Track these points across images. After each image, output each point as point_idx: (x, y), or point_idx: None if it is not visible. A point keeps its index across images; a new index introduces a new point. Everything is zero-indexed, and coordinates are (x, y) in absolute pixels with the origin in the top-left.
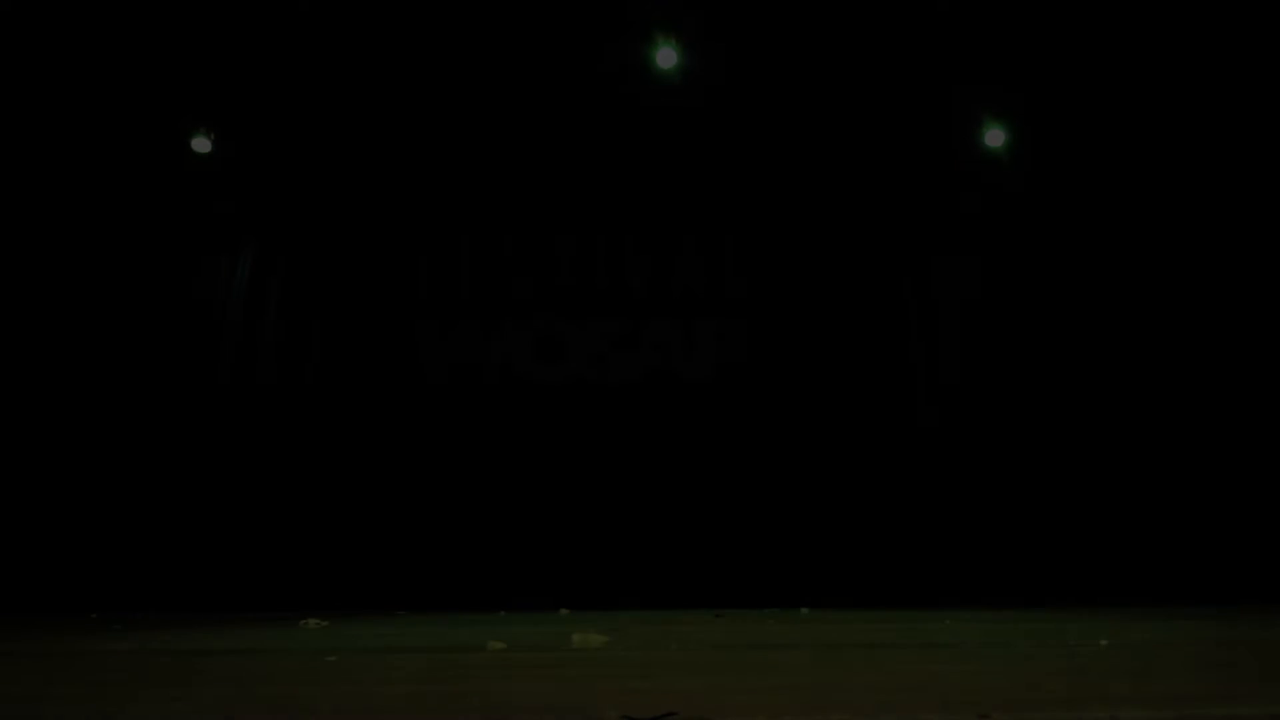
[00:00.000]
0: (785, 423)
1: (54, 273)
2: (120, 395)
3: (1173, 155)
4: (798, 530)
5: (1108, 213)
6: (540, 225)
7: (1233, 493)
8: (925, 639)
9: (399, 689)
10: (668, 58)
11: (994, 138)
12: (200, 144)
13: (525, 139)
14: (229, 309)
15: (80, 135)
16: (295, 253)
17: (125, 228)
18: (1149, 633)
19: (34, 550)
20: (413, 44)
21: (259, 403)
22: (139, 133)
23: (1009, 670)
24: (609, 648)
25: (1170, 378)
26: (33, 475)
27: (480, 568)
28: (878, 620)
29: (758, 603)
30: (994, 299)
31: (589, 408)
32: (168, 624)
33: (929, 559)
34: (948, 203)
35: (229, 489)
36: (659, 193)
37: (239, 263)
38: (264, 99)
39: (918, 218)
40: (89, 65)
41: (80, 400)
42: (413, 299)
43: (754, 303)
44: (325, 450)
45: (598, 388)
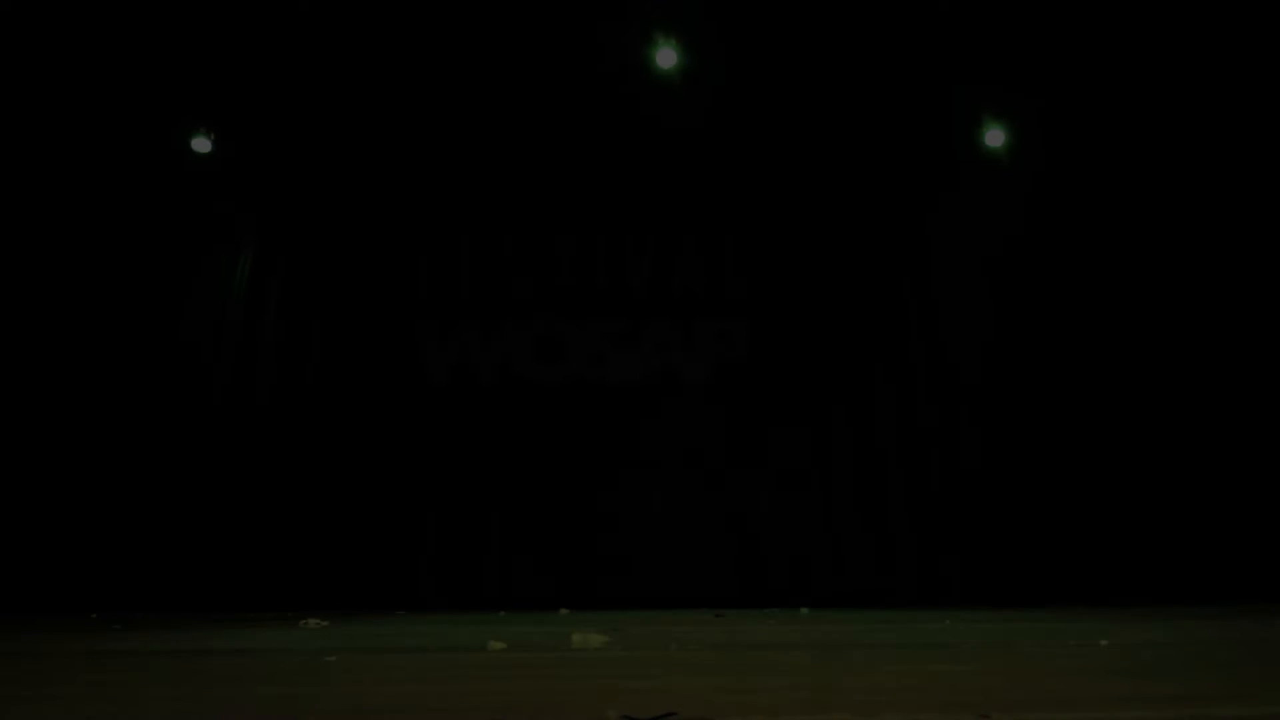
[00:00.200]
0: (785, 422)
1: (53, 273)
2: (120, 395)
3: (1183, 166)
4: (797, 530)
5: (1110, 214)
6: (540, 225)
7: (1233, 493)
8: (925, 639)
9: (399, 689)
10: (668, 58)
11: (994, 138)
12: (200, 144)
13: (525, 139)
14: (229, 309)
15: (79, 136)
16: (295, 253)
17: (125, 228)
18: (1149, 633)
19: (34, 550)
20: (413, 44)
21: (259, 403)
22: (139, 133)
23: (1009, 670)
24: (609, 648)
25: (1170, 378)
26: (32, 475)
27: (480, 567)
28: (878, 620)
29: (758, 603)
30: (994, 298)
31: (589, 408)
32: (168, 624)
33: (928, 559)
34: (947, 202)
35: (229, 489)
36: (659, 193)
37: (239, 263)
38: (264, 99)
39: (918, 217)
40: (88, 65)
41: (80, 400)
42: (413, 299)
43: (754, 303)
44: (325, 450)
45: (598, 388)
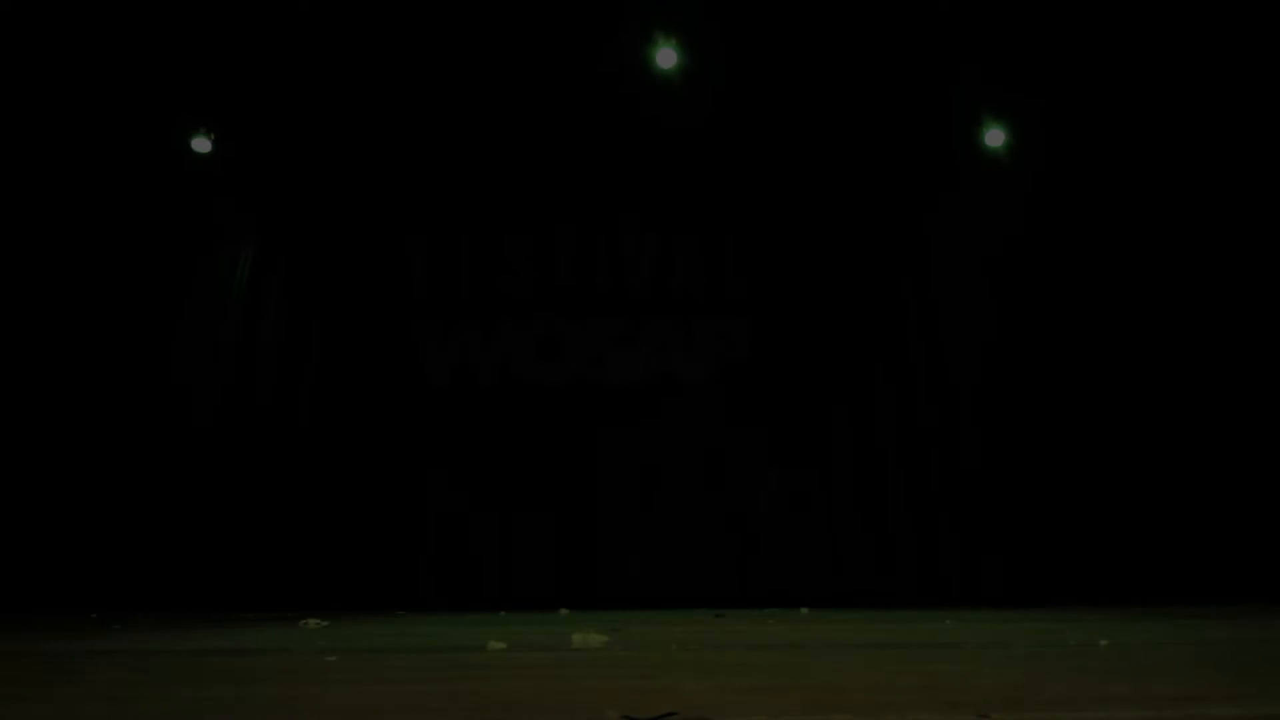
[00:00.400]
0: (785, 422)
1: (54, 274)
2: (121, 395)
3: (1181, 166)
4: (797, 530)
5: (1109, 213)
6: (540, 225)
7: (1233, 493)
8: (925, 639)
9: (399, 689)
10: (668, 58)
11: (994, 138)
12: (200, 144)
13: (526, 139)
14: (229, 309)
15: (79, 136)
16: (295, 253)
17: (125, 228)
18: (1149, 633)
19: (34, 550)
20: (413, 43)
21: (259, 403)
22: (139, 133)
23: (1009, 670)
24: (609, 648)
25: (1170, 377)
26: (32, 475)
27: (480, 567)
28: (878, 620)
29: (758, 603)
30: (994, 298)
31: (589, 408)
32: (168, 624)
33: (928, 559)
34: (947, 202)
35: (229, 488)
36: (658, 192)
37: (239, 263)
38: (264, 99)
39: (918, 217)
40: (87, 65)
41: (80, 400)
42: (413, 299)
43: (754, 303)
44: (325, 450)
45: (598, 388)
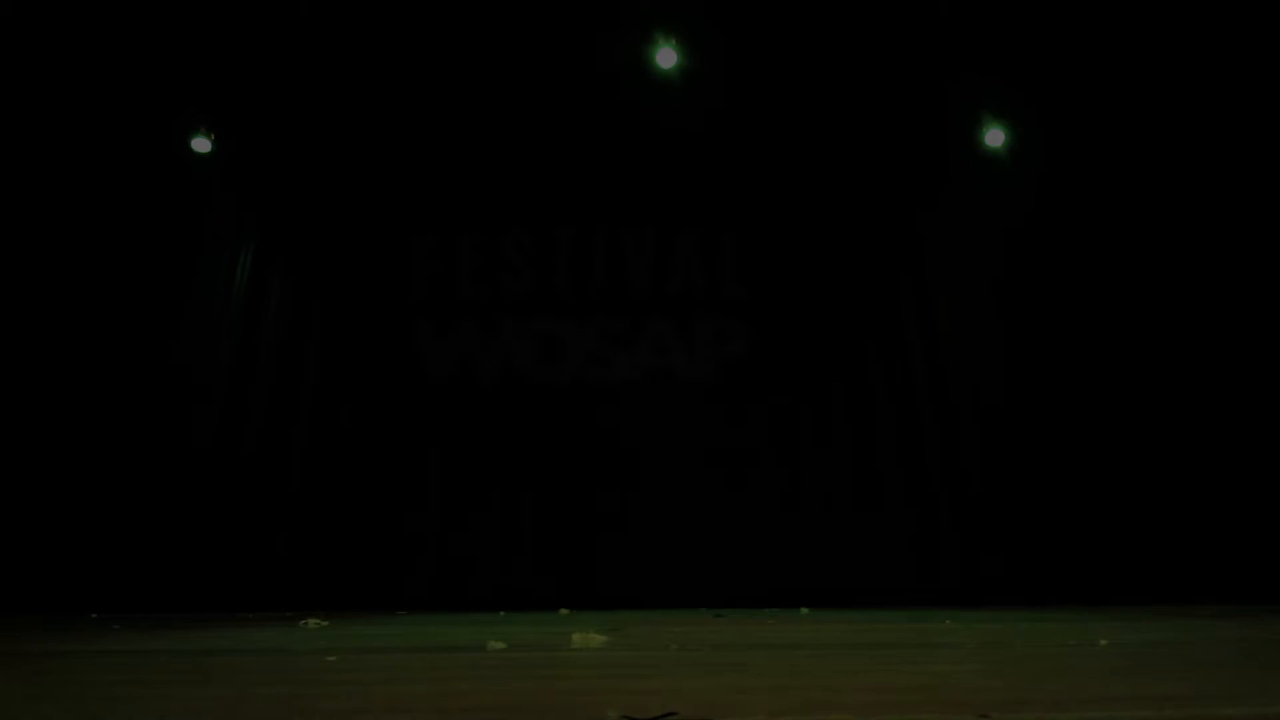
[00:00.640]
0: (785, 422)
1: (54, 274)
2: (119, 394)
3: (1180, 165)
4: (797, 529)
5: (1109, 213)
6: (540, 224)
7: (1233, 492)
8: (925, 639)
9: (399, 689)
10: (668, 58)
11: (994, 138)
12: (200, 144)
13: (526, 139)
14: (229, 308)
15: (78, 135)
16: (295, 252)
17: (124, 227)
18: (1149, 633)
19: (34, 551)
20: (412, 42)
21: (259, 401)
22: (139, 133)
23: (1009, 670)
24: (609, 648)
25: (1170, 373)
26: (31, 474)
27: (480, 567)
28: (877, 620)
29: (758, 603)
30: (994, 297)
31: (589, 407)
32: (168, 624)
33: (929, 559)
34: (947, 201)
35: (229, 488)
36: (658, 192)
37: (239, 262)
38: (263, 98)
39: (916, 217)
40: (87, 64)
41: (79, 399)
42: (413, 298)
43: (754, 302)
44: (325, 449)
45: (598, 388)
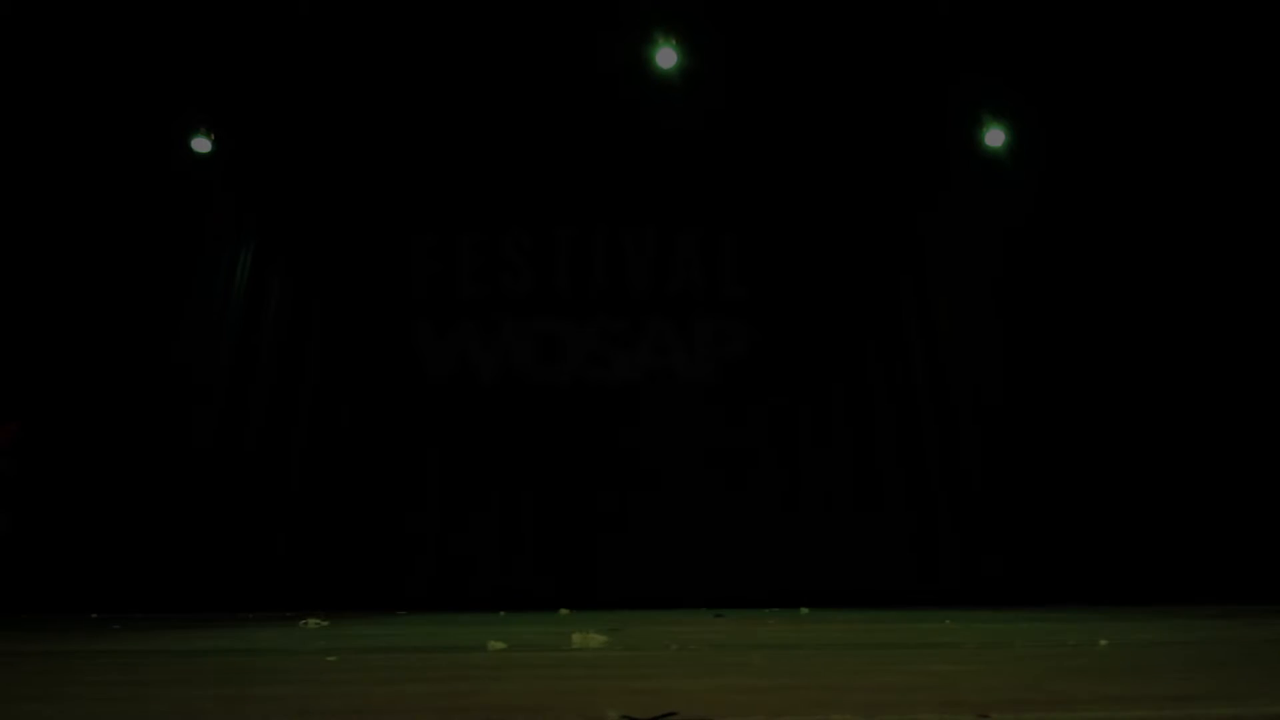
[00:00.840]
0: (785, 421)
1: (55, 274)
2: (119, 393)
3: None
4: (797, 529)
5: (1110, 212)
6: (540, 224)
7: (1233, 492)
8: (925, 639)
9: (399, 689)
10: (667, 58)
11: (994, 138)
12: (200, 144)
13: (526, 139)
14: (229, 307)
15: (78, 135)
16: (295, 251)
17: (124, 227)
18: (1149, 633)
19: (34, 551)
20: (412, 42)
21: (259, 401)
22: (139, 133)
23: (1009, 670)
24: (609, 648)
25: (1170, 373)
26: (31, 473)
27: (480, 567)
28: (878, 620)
29: (758, 603)
30: (994, 296)
31: (589, 407)
32: (167, 624)
33: (929, 559)
34: (947, 201)
35: (228, 488)
36: (658, 192)
37: (239, 261)
38: (263, 98)
39: (917, 217)
40: (87, 63)
41: (78, 398)
42: (413, 298)
43: (754, 302)
44: (325, 449)
45: (598, 388)
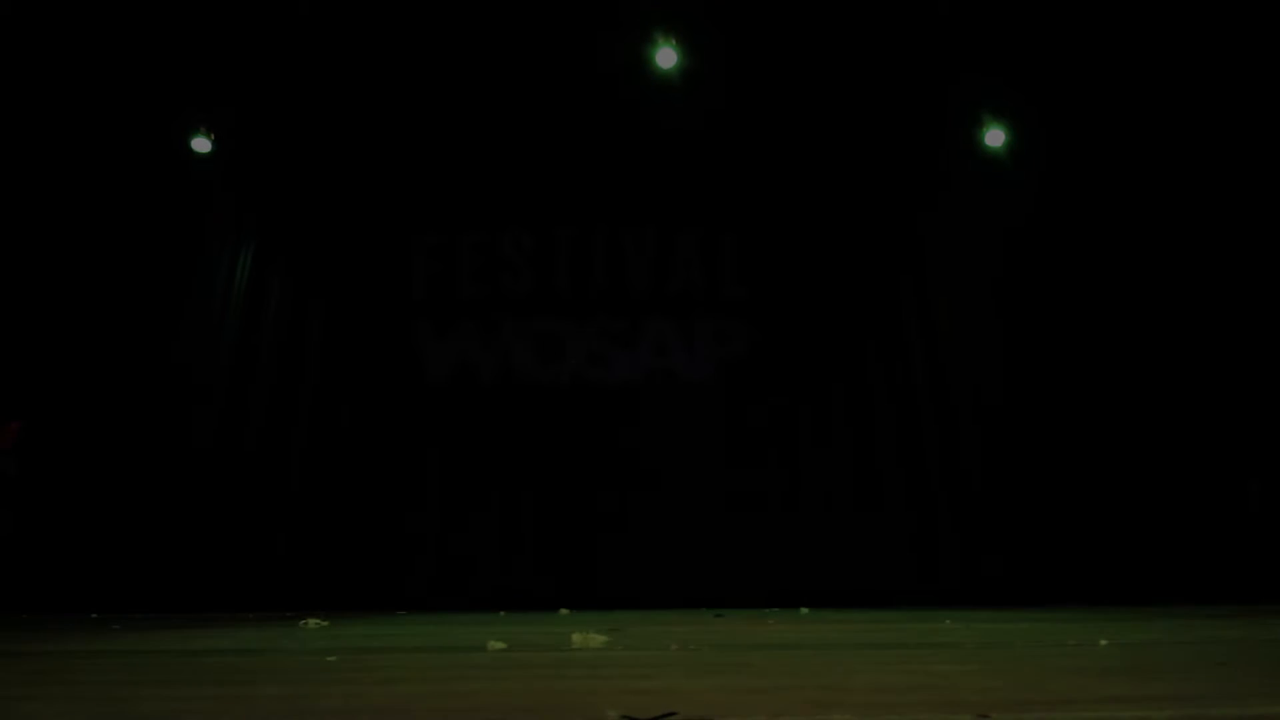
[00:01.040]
0: (785, 421)
1: (55, 274)
2: (119, 393)
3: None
4: (797, 530)
5: (1111, 221)
6: (540, 224)
7: (1233, 492)
8: (925, 639)
9: (399, 689)
10: (668, 58)
11: (994, 138)
12: (200, 144)
13: (526, 139)
14: (229, 307)
15: (79, 135)
16: (295, 251)
17: (124, 227)
18: (1149, 633)
19: (34, 551)
20: (412, 42)
21: (259, 401)
22: (139, 132)
23: (1009, 670)
24: (609, 648)
25: (1171, 372)
26: (31, 473)
27: (480, 567)
28: (878, 620)
29: (758, 603)
30: (994, 296)
31: (589, 408)
32: (167, 624)
33: (929, 559)
34: (947, 201)
35: (229, 488)
36: (658, 192)
37: (239, 261)
38: (263, 98)
39: (917, 217)
40: (87, 63)
41: (80, 400)
42: (413, 298)
43: (754, 302)
44: (325, 449)
45: (598, 388)
